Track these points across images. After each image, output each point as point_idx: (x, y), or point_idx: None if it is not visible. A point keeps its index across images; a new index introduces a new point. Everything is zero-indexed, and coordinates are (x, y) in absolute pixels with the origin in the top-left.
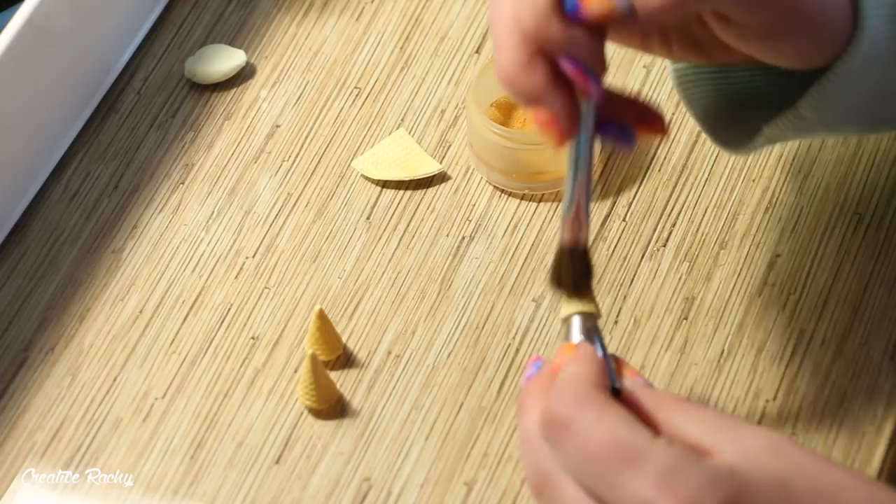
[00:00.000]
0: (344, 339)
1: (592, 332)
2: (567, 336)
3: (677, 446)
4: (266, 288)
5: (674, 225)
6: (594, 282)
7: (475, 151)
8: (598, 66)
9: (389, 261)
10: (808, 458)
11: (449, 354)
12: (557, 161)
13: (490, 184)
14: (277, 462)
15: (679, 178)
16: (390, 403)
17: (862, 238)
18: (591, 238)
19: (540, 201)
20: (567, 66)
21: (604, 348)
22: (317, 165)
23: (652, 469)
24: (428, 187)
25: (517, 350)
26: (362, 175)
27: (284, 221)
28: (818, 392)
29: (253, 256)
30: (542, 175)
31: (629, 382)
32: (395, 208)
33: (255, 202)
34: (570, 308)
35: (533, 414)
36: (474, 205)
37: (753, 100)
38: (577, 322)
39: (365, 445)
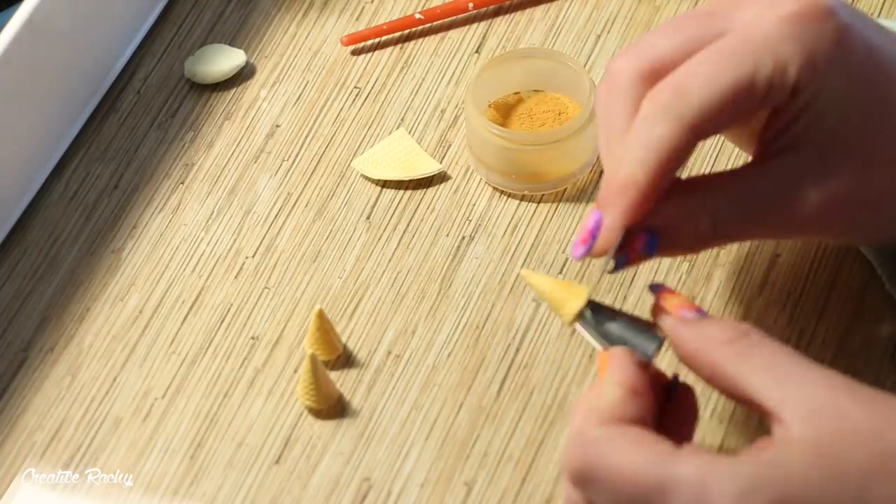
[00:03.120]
0: (344, 339)
1: (601, 317)
2: (592, 336)
3: (702, 460)
4: (266, 288)
5: None
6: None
7: (474, 152)
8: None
9: (389, 261)
10: (856, 420)
11: (449, 354)
12: (556, 162)
13: (489, 185)
14: (277, 462)
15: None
16: (390, 403)
17: None
18: None
19: (540, 202)
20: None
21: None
22: (317, 165)
23: (682, 498)
24: (428, 187)
25: (517, 350)
26: (362, 175)
27: (284, 221)
28: None
29: (253, 256)
30: (541, 176)
31: (669, 323)
32: (395, 208)
33: (255, 202)
34: (570, 308)
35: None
36: (474, 205)
37: None
38: (589, 318)
39: (365, 445)
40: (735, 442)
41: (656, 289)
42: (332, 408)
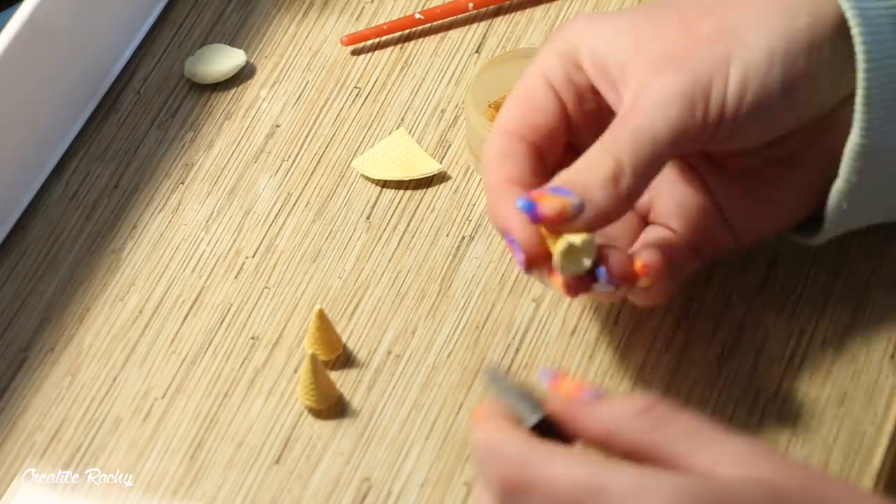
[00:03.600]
0: (344, 339)
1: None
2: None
3: (641, 469)
4: (266, 288)
5: None
6: None
7: (474, 152)
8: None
9: (389, 261)
10: (790, 466)
11: (449, 354)
12: None
13: None
14: (277, 462)
15: None
16: (390, 403)
17: (862, 238)
18: None
19: None
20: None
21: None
22: (317, 165)
23: (617, 497)
24: (428, 187)
25: (517, 350)
26: (362, 175)
27: (284, 221)
28: (818, 392)
29: (253, 256)
30: None
31: (569, 410)
32: (395, 208)
33: (255, 202)
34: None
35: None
36: (474, 205)
37: None
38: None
39: (365, 445)
40: None
41: (546, 376)
42: (332, 408)
